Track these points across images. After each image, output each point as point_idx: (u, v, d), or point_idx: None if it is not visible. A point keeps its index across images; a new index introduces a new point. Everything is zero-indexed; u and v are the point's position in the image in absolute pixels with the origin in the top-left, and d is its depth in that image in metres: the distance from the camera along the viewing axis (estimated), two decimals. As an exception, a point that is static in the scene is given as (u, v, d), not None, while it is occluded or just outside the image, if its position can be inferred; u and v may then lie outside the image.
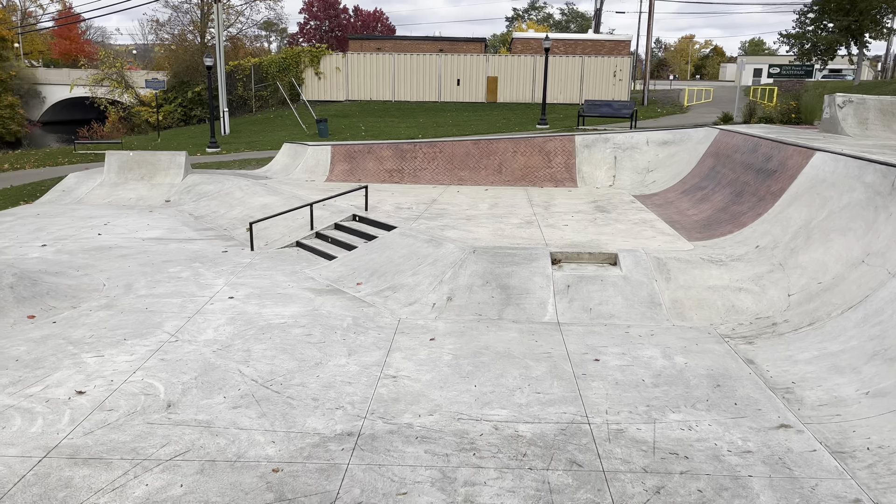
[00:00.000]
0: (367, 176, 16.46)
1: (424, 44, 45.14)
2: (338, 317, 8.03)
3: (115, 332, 7.43)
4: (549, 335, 7.44)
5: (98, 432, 5.32)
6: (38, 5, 67.01)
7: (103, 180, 16.48)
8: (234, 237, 12.14)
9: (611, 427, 5.49)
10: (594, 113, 25.60)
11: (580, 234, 10.44)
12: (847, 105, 13.73)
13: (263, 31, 57.85)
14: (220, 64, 29.00)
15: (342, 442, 5.24)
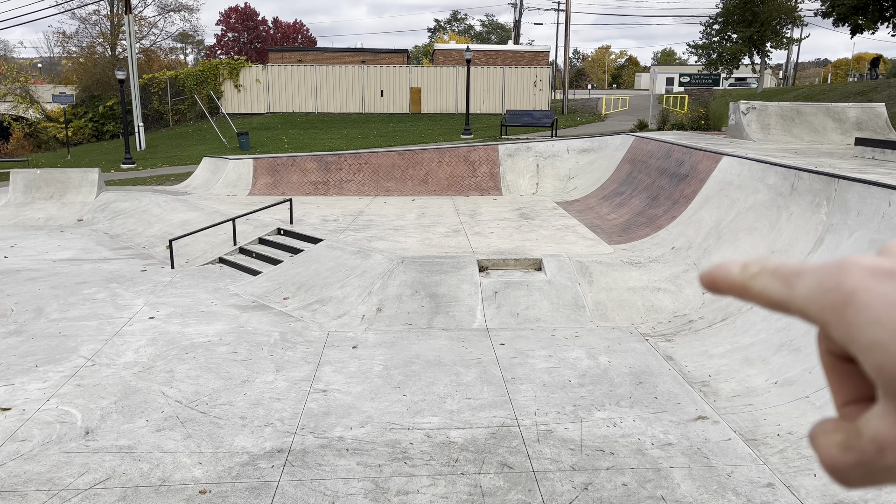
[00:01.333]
0: (292, 189, 16.25)
1: (346, 55, 44.97)
2: (264, 333, 7.90)
3: (26, 359, 7.07)
4: (478, 341, 7.54)
5: (11, 464, 5.06)
6: (-69, 17, 63.00)
7: (8, 200, 15.64)
8: (153, 255, 11.75)
9: (540, 428, 5.61)
10: (516, 122, 26.13)
11: (506, 242, 10.63)
12: (750, 112, 14.53)
13: (179, 43, 56.29)
14: (134, 77, 28.06)
15: (272, 459, 5.16)
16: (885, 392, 0.32)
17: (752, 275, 0.37)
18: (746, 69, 44.11)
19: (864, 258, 0.34)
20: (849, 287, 0.33)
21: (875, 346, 0.32)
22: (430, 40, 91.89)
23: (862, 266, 0.33)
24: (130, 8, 28.60)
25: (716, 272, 0.38)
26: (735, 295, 0.38)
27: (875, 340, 0.32)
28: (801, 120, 14.51)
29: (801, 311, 0.35)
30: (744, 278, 0.37)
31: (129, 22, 28.10)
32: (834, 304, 0.33)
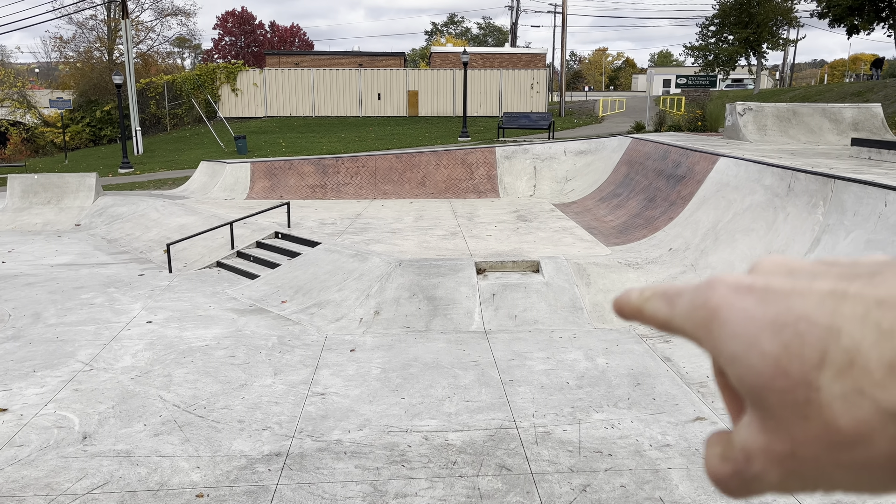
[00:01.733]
0: (289, 192, 16.26)
1: (344, 59, 45.00)
2: (262, 336, 7.90)
3: (23, 364, 7.06)
4: (476, 343, 7.54)
5: (8, 469, 5.05)
6: (-72, 23, 62.98)
7: (6, 205, 15.63)
8: (150, 260, 11.75)
9: (538, 430, 5.61)
10: (513, 125, 26.16)
11: (503, 244, 10.64)
12: (747, 113, 14.56)
13: (176, 47, 56.32)
14: (131, 81, 28.06)
15: (270, 462, 5.15)
16: (749, 403, 0.34)
17: (645, 299, 0.39)
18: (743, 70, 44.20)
19: (730, 276, 0.36)
20: (713, 303, 0.34)
21: (734, 358, 0.33)
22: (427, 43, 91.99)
23: (726, 283, 0.35)
24: (127, 12, 28.62)
25: (620, 299, 0.40)
26: (636, 319, 0.39)
27: (734, 353, 0.33)
28: (797, 121, 14.55)
29: (680, 330, 0.37)
30: (639, 302, 0.39)
31: (126, 26, 28.12)
32: (703, 320, 0.35)
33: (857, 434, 0.30)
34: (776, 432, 0.32)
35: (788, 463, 0.32)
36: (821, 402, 0.30)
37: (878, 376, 0.29)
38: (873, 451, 0.30)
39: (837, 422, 0.30)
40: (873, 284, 0.31)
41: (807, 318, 0.31)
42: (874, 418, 0.29)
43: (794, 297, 0.32)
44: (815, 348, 0.31)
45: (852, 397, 0.30)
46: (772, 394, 0.32)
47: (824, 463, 0.31)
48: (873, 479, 0.31)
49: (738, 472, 0.35)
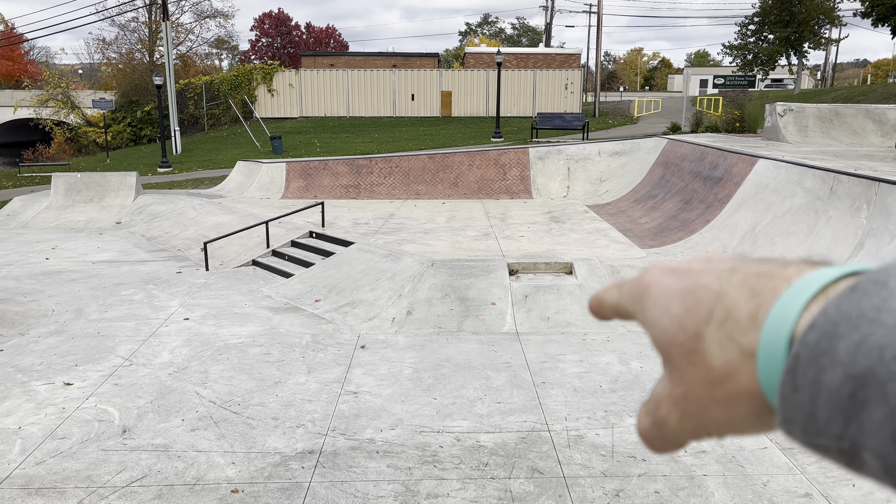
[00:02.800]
0: (323, 192, 16.41)
1: (378, 59, 45.25)
2: (296, 335, 7.98)
3: (66, 359, 7.24)
4: (508, 345, 7.52)
5: (50, 461, 5.19)
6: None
7: (50, 203, 16.06)
8: (188, 258, 11.96)
9: (570, 433, 5.57)
10: (547, 125, 26.02)
11: (536, 245, 10.59)
12: (787, 113, 14.27)
13: (214, 48, 57.25)
14: (170, 82, 28.61)
15: (303, 460, 5.21)
16: (662, 361, 0.41)
17: (604, 291, 0.47)
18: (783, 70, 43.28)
19: (662, 263, 0.44)
20: (645, 282, 0.43)
21: (653, 322, 0.41)
22: (460, 44, 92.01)
23: (658, 267, 0.43)
24: (168, 15, 29.19)
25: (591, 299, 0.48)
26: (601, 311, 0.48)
27: (653, 317, 0.41)
28: (839, 122, 14.21)
29: (626, 310, 0.45)
30: (601, 295, 0.47)
31: (167, 28, 28.68)
32: (637, 296, 0.43)
33: (726, 372, 0.37)
34: (676, 380, 0.40)
35: (683, 404, 0.40)
36: (704, 349, 0.38)
37: (743, 325, 0.36)
38: (738, 385, 0.37)
39: (713, 363, 0.37)
40: (760, 263, 0.39)
41: (706, 287, 0.39)
42: (737, 357, 0.36)
43: (703, 274, 0.40)
44: (706, 308, 0.39)
45: (725, 342, 0.37)
46: (673, 347, 0.40)
47: (706, 400, 0.38)
48: (740, 413, 0.37)
49: (654, 422, 0.42)
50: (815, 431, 0.33)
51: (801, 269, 0.37)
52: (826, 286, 0.35)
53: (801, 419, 0.33)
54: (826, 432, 0.33)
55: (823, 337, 0.32)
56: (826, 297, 0.34)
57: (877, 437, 0.30)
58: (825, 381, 0.32)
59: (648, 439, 0.43)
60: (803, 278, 0.36)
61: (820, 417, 0.32)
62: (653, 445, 0.43)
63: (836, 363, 0.32)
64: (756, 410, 0.37)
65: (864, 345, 0.31)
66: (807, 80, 52.27)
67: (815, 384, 0.32)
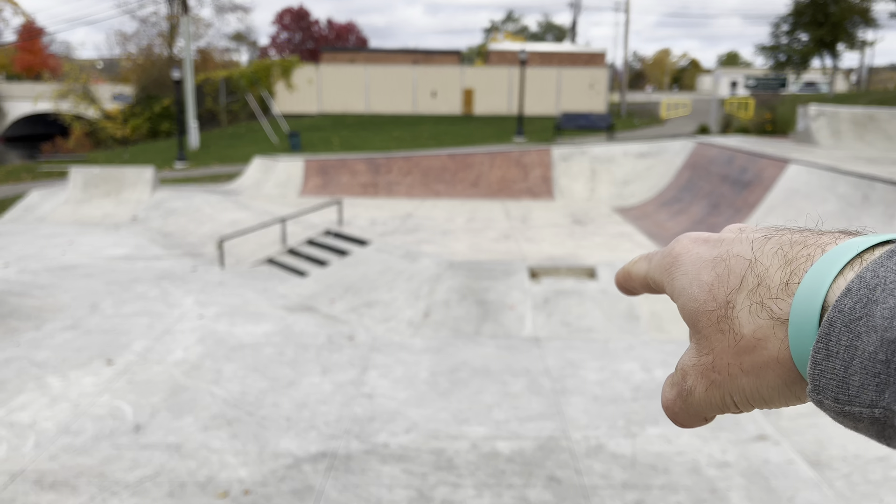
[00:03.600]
0: (341, 190, 16.34)
1: (399, 55, 45.13)
2: (311, 335, 7.89)
3: (81, 353, 7.21)
4: (527, 350, 7.38)
5: (64, 456, 5.13)
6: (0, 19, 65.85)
7: (68, 197, 16.13)
8: (203, 254, 11.93)
9: (590, 442, 5.43)
10: (571, 125, 25.78)
11: (558, 248, 10.43)
12: (821, 117, 13.97)
13: (233, 43, 57.52)
14: (189, 77, 28.72)
15: (316, 462, 5.10)
16: (690, 330, 0.41)
17: (633, 262, 0.47)
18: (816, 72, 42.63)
19: (693, 232, 0.44)
20: (676, 251, 0.43)
21: (682, 290, 0.41)
22: (483, 41, 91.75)
23: (688, 237, 0.43)
24: (187, 8, 29.30)
25: (617, 272, 0.48)
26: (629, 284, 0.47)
27: (682, 286, 0.41)
28: (874, 126, 13.89)
29: (654, 280, 0.45)
30: (629, 266, 0.47)
31: (187, 23, 28.79)
32: (667, 266, 0.43)
33: (756, 339, 0.37)
34: (703, 348, 0.39)
35: (710, 373, 0.39)
36: (733, 317, 0.38)
37: (775, 292, 0.36)
38: (767, 353, 0.36)
39: (743, 330, 0.37)
40: (794, 232, 0.39)
41: (738, 255, 0.39)
42: (767, 324, 0.36)
43: (735, 243, 0.40)
44: (738, 275, 0.38)
45: (755, 309, 0.37)
46: (703, 315, 0.39)
47: (734, 369, 0.38)
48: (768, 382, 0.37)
49: (680, 392, 0.41)
50: (848, 399, 0.32)
51: (837, 237, 0.37)
52: (862, 253, 0.34)
53: (833, 387, 0.32)
54: (859, 400, 0.31)
55: (859, 302, 0.32)
56: (862, 262, 0.33)
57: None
58: (860, 346, 0.31)
59: (673, 411, 0.43)
60: (839, 246, 0.35)
61: (853, 384, 0.31)
62: (677, 418, 0.43)
63: (872, 328, 0.31)
64: (785, 379, 0.36)
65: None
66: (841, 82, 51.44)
67: (849, 350, 0.32)
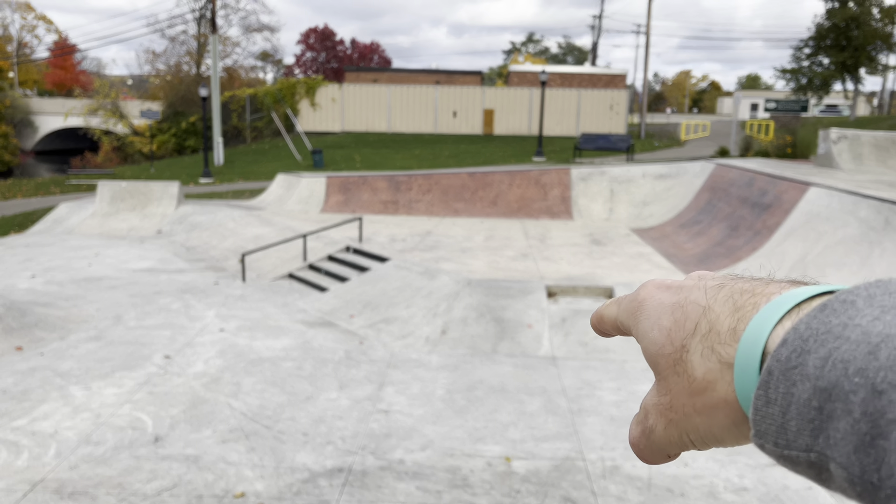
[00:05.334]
0: (362, 207, 16.48)
1: (421, 76, 45.55)
2: (329, 350, 7.95)
3: (104, 364, 7.32)
4: (544, 369, 7.37)
5: (84, 466, 5.21)
6: (34, 36, 67.61)
7: (95, 210, 16.43)
8: (225, 268, 12.07)
9: (606, 463, 5.40)
10: (591, 146, 25.79)
11: (576, 268, 10.42)
12: (842, 140, 13.87)
13: (260, 61, 58.43)
14: (216, 94, 29.20)
15: (332, 478, 5.13)
16: (653, 372, 0.44)
17: (605, 307, 0.50)
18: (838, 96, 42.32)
19: (657, 279, 0.47)
20: (641, 297, 0.46)
21: (644, 334, 0.44)
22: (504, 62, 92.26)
23: (653, 283, 0.46)
24: (216, 28, 29.88)
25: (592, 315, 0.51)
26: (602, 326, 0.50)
27: (644, 330, 0.44)
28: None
29: (622, 323, 0.48)
30: (601, 310, 0.50)
31: (214, 42, 29.33)
32: (633, 310, 0.46)
33: (706, 381, 0.39)
34: (663, 390, 0.42)
35: (668, 413, 0.42)
36: (687, 360, 0.40)
37: (724, 338, 0.39)
38: (717, 394, 0.39)
39: (695, 373, 0.40)
40: (746, 281, 0.41)
41: (694, 302, 0.41)
42: (716, 367, 0.39)
43: (693, 290, 0.42)
44: (693, 321, 0.41)
45: (706, 353, 0.39)
46: (661, 358, 0.42)
47: (688, 409, 0.40)
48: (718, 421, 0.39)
49: (643, 431, 0.44)
50: (786, 444, 0.34)
51: (783, 287, 0.39)
52: (800, 303, 0.37)
53: (773, 432, 0.34)
54: (796, 444, 0.33)
55: (794, 352, 0.34)
56: (799, 313, 0.36)
57: (842, 447, 0.31)
58: (795, 394, 0.33)
59: (639, 448, 0.45)
60: (781, 296, 0.38)
61: (790, 430, 0.33)
62: (642, 455, 0.45)
63: (805, 377, 0.33)
64: (733, 419, 0.38)
65: (830, 359, 0.32)
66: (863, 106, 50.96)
67: (786, 397, 0.34)
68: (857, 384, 0.31)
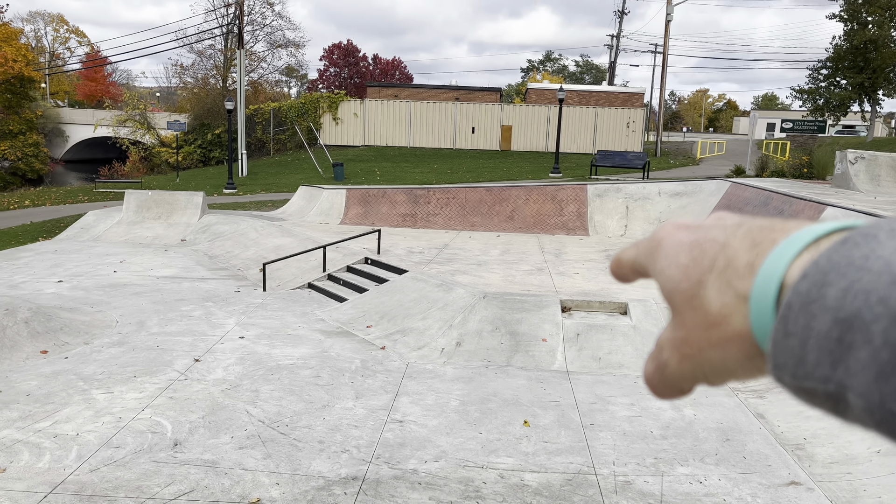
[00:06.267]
0: (381, 219, 16.64)
1: (441, 92, 45.90)
2: (346, 359, 8.05)
3: (126, 369, 7.48)
4: (557, 383, 7.41)
5: (104, 469, 5.33)
6: (66, 48, 69.15)
7: (121, 218, 16.75)
8: (247, 277, 12.26)
9: (618, 479, 5.43)
10: (607, 163, 25.82)
11: (591, 283, 10.46)
12: (859, 161, 13.81)
13: (284, 76, 59.23)
14: (241, 108, 29.65)
15: (346, 486, 5.21)
16: (669, 308, 0.44)
17: (622, 250, 0.50)
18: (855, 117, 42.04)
19: (679, 220, 0.47)
20: (659, 236, 0.46)
21: (661, 271, 0.44)
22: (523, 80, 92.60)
23: (672, 223, 0.47)
24: (243, 43, 30.40)
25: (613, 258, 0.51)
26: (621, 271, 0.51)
27: (662, 268, 0.44)
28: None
29: (640, 264, 0.48)
30: (619, 254, 0.51)
31: (241, 56, 29.84)
32: (651, 250, 0.46)
33: (722, 315, 0.39)
34: (678, 325, 0.43)
35: (683, 347, 0.42)
36: (703, 295, 0.41)
37: (741, 272, 0.39)
38: (731, 328, 0.39)
39: (711, 307, 0.40)
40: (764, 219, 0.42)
41: (713, 239, 0.42)
42: (733, 301, 0.39)
43: (712, 229, 0.43)
44: (710, 257, 0.41)
45: (722, 288, 0.39)
46: (677, 294, 0.42)
47: (703, 343, 0.41)
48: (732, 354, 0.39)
49: (657, 366, 0.45)
50: (804, 375, 0.34)
51: (802, 224, 0.40)
52: (819, 238, 0.37)
53: (791, 364, 0.35)
54: (814, 375, 0.34)
55: (814, 285, 0.34)
56: (818, 248, 0.36)
57: (861, 377, 0.32)
58: (815, 326, 0.34)
59: (652, 383, 0.46)
60: (800, 231, 0.38)
61: (809, 361, 0.34)
62: (656, 389, 0.46)
63: (826, 309, 0.33)
64: (747, 353, 0.39)
65: (851, 290, 0.33)
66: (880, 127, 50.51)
67: (805, 330, 0.34)
68: (879, 313, 0.31)
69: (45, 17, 67.04)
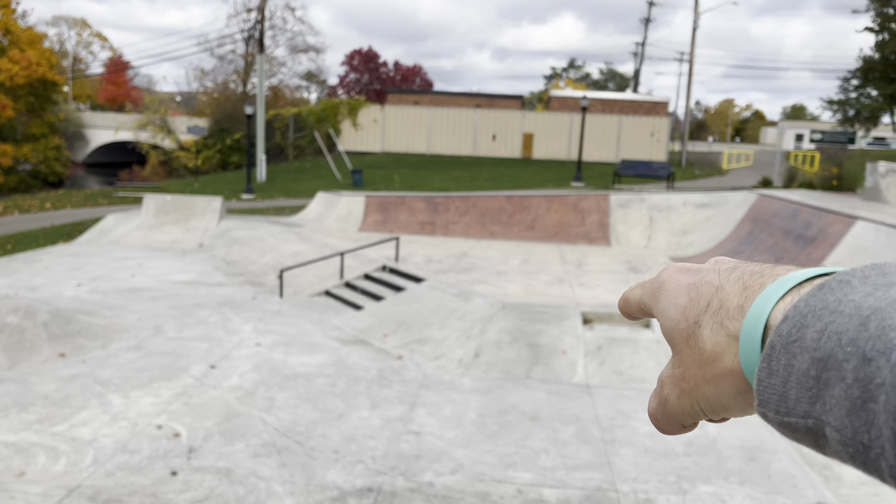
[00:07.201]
0: (399, 227, 16.58)
1: (462, 99, 45.84)
2: (363, 368, 7.98)
3: (142, 374, 7.46)
4: (577, 397, 7.28)
5: (119, 474, 5.29)
6: (89, 52, 70.16)
7: (140, 223, 16.85)
8: (264, 283, 12.24)
9: (639, 496, 5.29)
10: (630, 172, 25.59)
11: (613, 295, 10.31)
12: (890, 174, 13.54)
13: (304, 81, 59.61)
14: (261, 113, 29.82)
15: (361, 497, 5.12)
16: (670, 347, 0.47)
17: (630, 290, 0.54)
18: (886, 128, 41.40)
19: (681, 263, 0.51)
20: (662, 279, 0.49)
21: (662, 312, 0.48)
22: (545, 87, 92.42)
23: (674, 266, 0.50)
24: (263, 48, 30.60)
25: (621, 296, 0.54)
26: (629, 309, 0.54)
27: (662, 308, 0.48)
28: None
29: (644, 304, 0.51)
30: (626, 293, 0.54)
31: (261, 61, 30.03)
32: (654, 291, 0.50)
33: (714, 352, 0.43)
34: (677, 362, 0.46)
35: (681, 383, 0.45)
36: (699, 334, 0.44)
37: (732, 314, 0.42)
38: (723, 365, 0.42)
39: (705, 345, 0.43)
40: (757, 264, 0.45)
41: (709, 283, 0.45)
42: (724, 340, 0.42)
43: (709, 272, 0.46)
44: (706, 299, 0.44)
45: (716, 328, 0.43)
46: (676, 333, 0.46)
47: (699, 378, 0.44)
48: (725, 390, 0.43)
49: (660, 401, 0.48)
50: (786, 412, 0.37)
51: (789, 269, 0.43)
52: (801, 283, 0.40)
53: (775, 401, 0.37)
54: (795, 412, 0.36)
55: (794, 327, 0.37)
56: (799, 292, 0.39)
57: (836, 412, 0.34)
58: (795, 365, 0.36)
59: (655, 418, 0.49)
60: (785, 276, 0.41)
61: (790, 398, 0.36)
62: (659, 425, 0.49)
63: (804, 349, 0.36)
64: (738, 388, 0.42)
65: (825, 332, 0.35)
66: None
67: (787, 369, 0.37)
68: (850, 353, 0.34)
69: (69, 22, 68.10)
